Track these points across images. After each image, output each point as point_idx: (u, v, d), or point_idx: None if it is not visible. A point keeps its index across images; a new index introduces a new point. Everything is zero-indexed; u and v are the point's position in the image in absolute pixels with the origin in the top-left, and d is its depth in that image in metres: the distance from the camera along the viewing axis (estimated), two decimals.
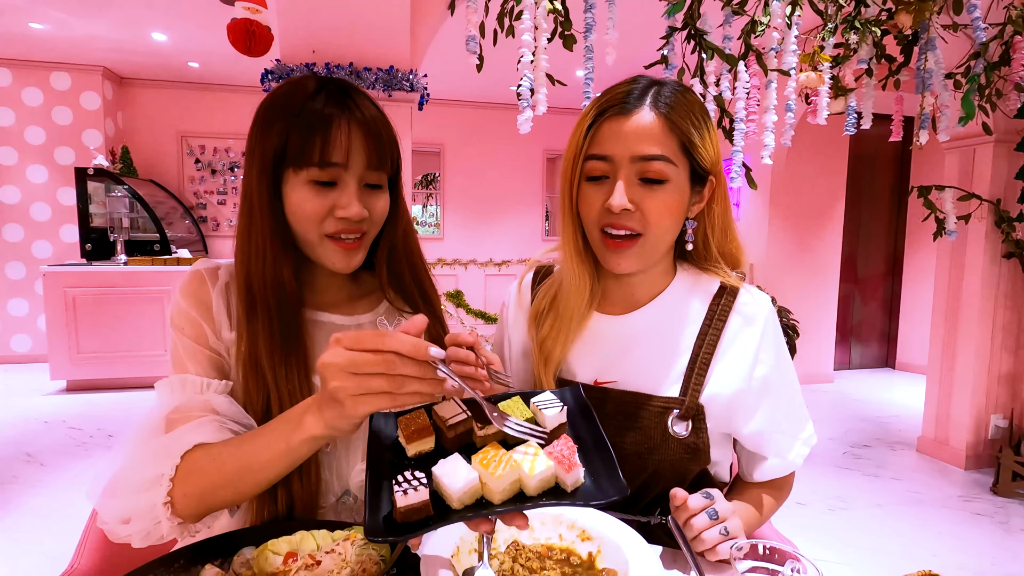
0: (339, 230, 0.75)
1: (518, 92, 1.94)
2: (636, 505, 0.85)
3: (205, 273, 0.80)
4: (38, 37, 4.39)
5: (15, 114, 4.94)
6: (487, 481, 0.52)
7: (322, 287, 0.86)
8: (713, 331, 0.81)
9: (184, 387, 0.74)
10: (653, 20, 2.55)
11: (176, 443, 0.67)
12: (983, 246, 2.96)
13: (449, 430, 0.58)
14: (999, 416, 3.06)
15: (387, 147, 0.77)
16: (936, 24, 2.35)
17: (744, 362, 0.81)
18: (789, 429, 0.85)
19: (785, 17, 1.99)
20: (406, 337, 0.53)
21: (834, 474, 3.05)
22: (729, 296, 0.83)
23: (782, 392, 0.83)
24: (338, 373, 0.54)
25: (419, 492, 0.50)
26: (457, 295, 4.81)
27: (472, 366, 0.67)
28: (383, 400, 0.54)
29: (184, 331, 0.76)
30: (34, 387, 4.32)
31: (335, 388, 0.54)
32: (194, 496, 0.65)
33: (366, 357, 0.53)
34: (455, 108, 6.20)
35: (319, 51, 2.26)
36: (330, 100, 0.74)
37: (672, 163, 0.75)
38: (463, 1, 2.19)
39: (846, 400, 4.44)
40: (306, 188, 0.73)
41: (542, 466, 0.53)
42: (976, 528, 2.49)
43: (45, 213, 5.07)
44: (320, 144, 0.71)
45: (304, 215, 0.74)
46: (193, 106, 5.58)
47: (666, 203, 0.75)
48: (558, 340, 0.85)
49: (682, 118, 0.75)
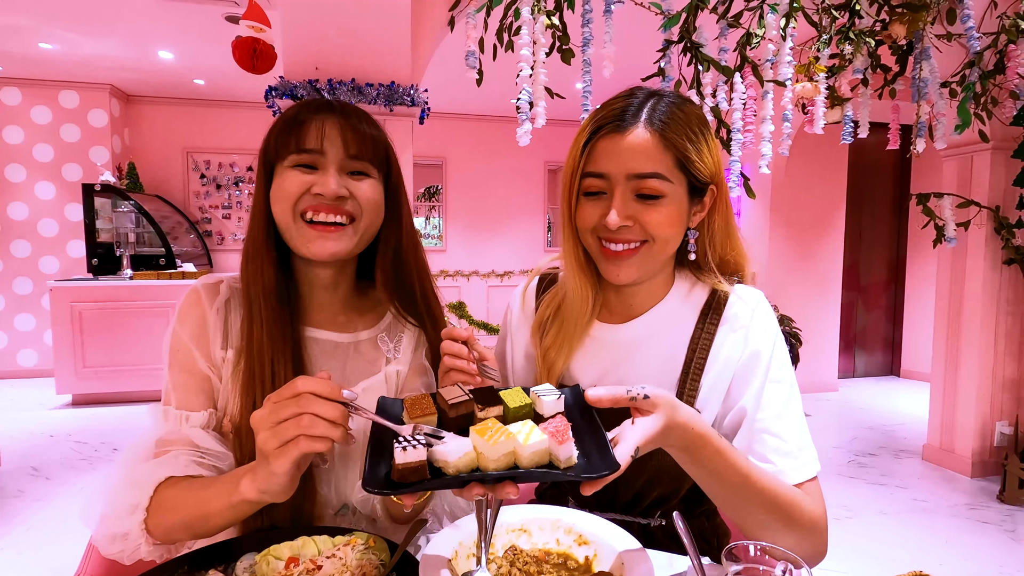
0: (314, 206, 0.77)
1: (517, 105, 1.97)
2: (635, 508, 0.86)
3: (203, 290, 0.81)
4: (47, 57, 4.47)
5: (24, 132, 5.02)
6: (483, 451, 0.54)
7: (320, 304, 0.86)
8: (704, 340, 0.81)
9: (167, 418, 0.77)
10: (650, 33, 2.59)
11: (149, 477, 0.70)
12: (983, 253, 2.96)
13: (451, 409, 0.60)
14: (1004, 423, 3.04)
15: (368, 139, 0.80)
16: (930, 34, 2.37)
17: (734, 355, 0.80)
18: (783, 432, 0.75)
19: (780, 29, 2.02)
20: (318, 380, 0.57)
21: (839, 482, 3.03)
22: (719, 303, 0.83)
23: (772, 376, 0.77)
24: (262, 426, 0.57)
25: (418, 451, 0.52)
26: (460, 306, 4.83)
27: (464, 359, 0.70)
28: (296, 447, 0.56)
29: (175, 356, 0.79)
30: (40, 401, 4.35)
31: (260, 442, 0.57)
32: (163, 528, 0.69)
33: (280, 404, 0.56)
34: (457, 121, 6.26)
35: (322, 68, 2.30)
36: (311, 106, 0.80)
37: (667, 180, 0.75)
38: (463, 17, 2.24)
39: (851, 408, 4.42)
40: (289, 172, 0.77)
41: (536, 438, 0.54)
42: (983, 536, 2.47)
43: (52, 229, 5.13)
44: (296, 134, 0.77)
45: (282, 195, 0.77)
46: (198, 122, 5.66)
47: (664, 216, 0.76)
48: (562, 350, 0.86)
49: (677, 134, 0.75)
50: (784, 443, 0.74)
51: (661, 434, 0.59)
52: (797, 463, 0.74)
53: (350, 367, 0.85)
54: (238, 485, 0.62)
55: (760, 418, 0.76)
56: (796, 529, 0.70)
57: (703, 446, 0.64)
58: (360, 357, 0.86)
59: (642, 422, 0.59)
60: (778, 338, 0.81)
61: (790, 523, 0.69)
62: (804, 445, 0.76)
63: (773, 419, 0.76)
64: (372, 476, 0.53)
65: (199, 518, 0.67)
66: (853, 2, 2.28)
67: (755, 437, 0.76)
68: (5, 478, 2.93)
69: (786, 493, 0.70)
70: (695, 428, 0.63)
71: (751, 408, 0.77)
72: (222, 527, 0.68)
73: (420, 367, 0.90)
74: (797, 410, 0.78)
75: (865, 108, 2.50)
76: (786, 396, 0.77)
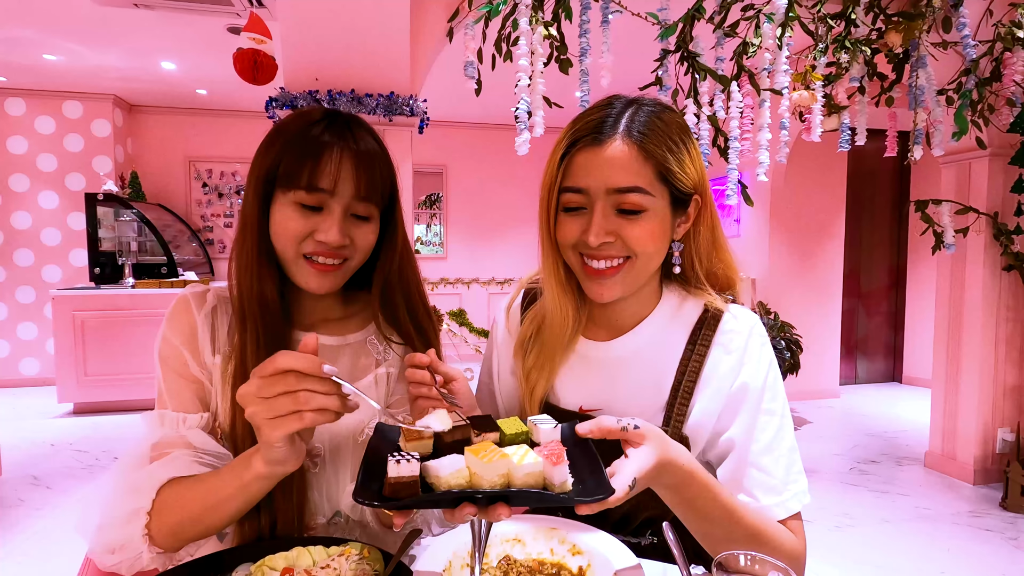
0: (316, 252, 0.77)
1: (516, 115, 1.98)
2: (625, 528, 0.85)
3: (191, 298, 0.82)
4: (52, 68, 4.51)
5: (28, 142, 5.05)
6: (476, 470, 0.54)
7: (310, 307, 0.87)
8: (695, 361, 0.78)
9: (163, 422, 0.77)
10: (647, 42, 2.61)
11: (150, 479, 0.70)
12: (983, 259, 2.96)
13: (447, 434, 0.61)
14: (1006, 430, 3.03)
15: (378, 180, 0.78)
16: (926, 42, 2.39)
17: (726, 381, 0.78)
18: (771, 467, 0.74)
19: (776, 39, 2.04)
20: (299, 355, 0.57)
21: (841, 490, 3.02)
22: (712, 321, 0.80)
23: (764, 407, 0.76)
24: (251, 400, 0.58)
25: (411, 464, 0.52)
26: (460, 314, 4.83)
27: (427, 385, 0.70)
28: (293, 421, 0.57)
29: (167, 362, 0.79)
30: (41, 410, 4.36)
31: (251, 415, 0.58)
32: (168, 529, 0.69)
33: (268, 379, 0.57)
34: (457, 129, 6.29)
35: (322, 79, 2.32)
36: (328, 129, 0.76)
37: (648, 193, 0.72)
38: (461, 28, 2.26)
39: (852, 415, 4.41)
40: (291, 208, 0.75)
41: (531, 459, 0.54)
42: (985, 544, 2.46)
43: (55, 238, 5.16)
44: (310, 168, 0.74)
45: (285, 233, 0.76)
46: (200, 131, 5.70)
47: (646, 231, 0.73)
48: (543, 372, 0.84)
49: (657, 144, 0.73)
50: (770, 478, 0.74)
51: (655, 470, 0.59)
52: (781, 499, 0.73)
53: (340, 369, 0.86)
54: (250, 463, 0.63)
55: (751, 451, 0.75)
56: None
57: (691, 483, 0.64)
58: (350, 359, 0.87)
59: (635, 454, 0.59)
60: (772, 366, 0.78)
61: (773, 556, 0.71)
62: (791, 480, 0.74)
63: (761, 452, 0.74)
64: (363, 488, 0.53)
65: (209, 508, 0.67)
66: (849, 11, 2.30)
67: (743, 470, 0.75)
68: (6, 487, 2.94)
69: (767, 529, 0.70)
70: (684, 465, 0.63)
71: (740, 440, 0.75)
72: (234, 516, 0.68)
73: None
74: (787, 442, 0.76)
75: (862, 116, 2.52)
76: (776, 427, 0.76)
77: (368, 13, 2.19)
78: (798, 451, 0.77)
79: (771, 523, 0.71)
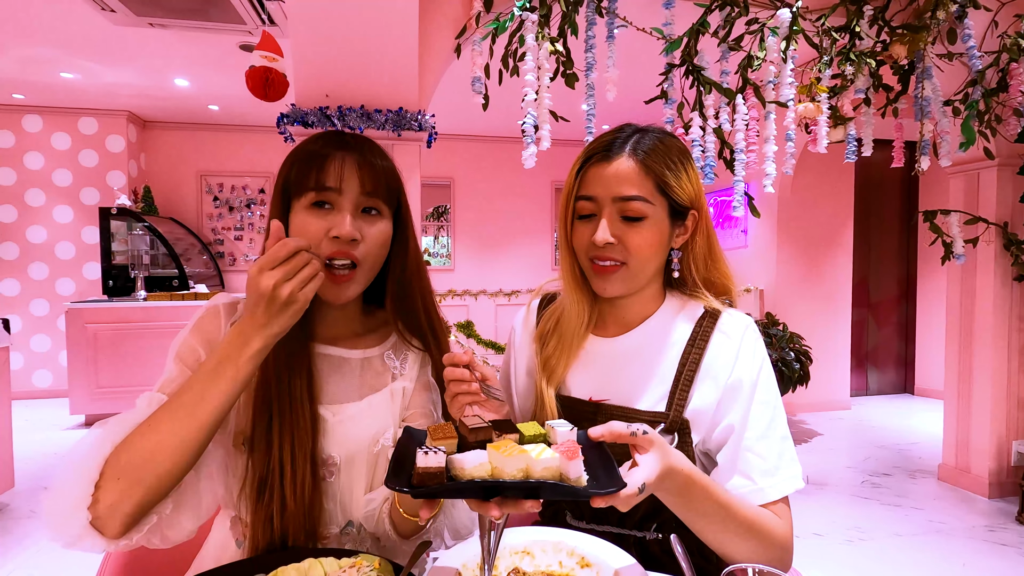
0: (334, 252, 0.80)
1: (523, 129, 2.01)
2: (630, 520, 0.87)
3: (223, 308, 0.85)
4: (68, 85, 4.61)
5: (44, 157, 5.16)
6: (498, 463, 0.58)
7: (331, 322, 0.90)
8: (696, 351, 0.86)
9: (150, 404, 0.74)
10: (653, 56, 2.64)
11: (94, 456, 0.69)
12: (993, 269, 2.94)
13: (471, 435, 0.65)
14: (1021, 442, 2.99)
15: (382, 177, 0.84)
16: (931, 53, 2.40)
17: (723, 373, 0.85)
18: (764, 452, 0.81)
19: (780, 52, 2.05)
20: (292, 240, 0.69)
21: (852, 503, 2.98)
22: (711, 320, 0.89)
23: (758, 398, 0.83)
24: (264, 273, 0.67)
25: (438, 456, 0.58)
26: (468, 325, 4.84)
27: (467, 382, 0.74)
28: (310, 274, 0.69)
29: (181, 357, 0.80)
30: (53, 422, 4.40)
31: (274, 288, 0.67)
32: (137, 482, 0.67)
33: (275, 250, 0.68)
34: (464, 142, 6.35)
35: (332, 95, 2.36)
36: (331, 142, 0.83)
37: (649, 202, 0.83)
38: (468, 45, 2.29)
39: (864, 427, 4.36)
40: (306, 212, 0.80)
41: (548, 455, 0.59)
42: (1002, 559, 2.41)
43: (69, 252, 5.24)
44: (316, 171, 0.80)
45: (304, 236, 0.79)
46: (212, 146, 5.79)
47: (646, 237, 0.84)
48: (560, 359, 0.92)
49: (657, 162, 0.84)
50: (764, 462, 0.81)
51: (661, 476, 0.64)
52: (775, 481, 0.80)
53: (358, 382, 0.89)
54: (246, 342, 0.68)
55: (745, 437, 0.82)
56: (769, 550, 0.77)
57: (691, 485, 0.70)
58: (368, 373, 0.90)
59: (644, 460, 0.64)
60: (765, 362, 0.87)
61: (763, 545, 0.77)
62: (783, 465, 0.82)
63: (756, 439, 0.82)
64: (394, 476, 0.58)
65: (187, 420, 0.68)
66: (853, 24, 2.32)
67: (740, 455, 0.82)
68: (18, 499, 2.96)
69: (759, 518, 0.77)
70: (684, 470, 0.68)
71: (737, 428, 0.83)
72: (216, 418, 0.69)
73: (426, 383, 0.94)
74: (780, 431, 0.84)
75: (868, 126, 2.52)
76: (770, 417, 0.83)
77: (377, 31, 2.23)
78: (791, 440, 0.85)
79: (762, 512, 0.78)
